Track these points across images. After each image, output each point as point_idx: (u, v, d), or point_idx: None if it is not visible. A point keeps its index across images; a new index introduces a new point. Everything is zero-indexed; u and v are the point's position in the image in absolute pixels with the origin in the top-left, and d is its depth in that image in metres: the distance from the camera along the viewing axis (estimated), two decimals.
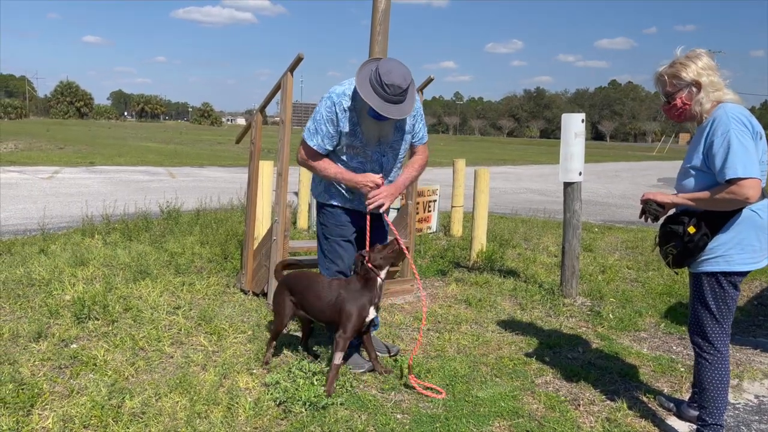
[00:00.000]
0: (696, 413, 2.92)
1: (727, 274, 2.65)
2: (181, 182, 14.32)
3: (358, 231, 3.57)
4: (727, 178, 2.49)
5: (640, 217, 2.91)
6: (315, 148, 3.34)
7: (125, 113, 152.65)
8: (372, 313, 3.26)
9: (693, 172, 2.69)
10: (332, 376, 3.11)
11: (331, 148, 3.37)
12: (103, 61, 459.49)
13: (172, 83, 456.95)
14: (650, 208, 2.82)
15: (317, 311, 3.32)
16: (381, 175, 3.34)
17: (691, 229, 2.63)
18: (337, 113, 3.27)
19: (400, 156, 3.50)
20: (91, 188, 12.36)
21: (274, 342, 3.53)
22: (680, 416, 3.14)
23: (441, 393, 3.18)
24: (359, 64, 3.25)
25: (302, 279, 3.44)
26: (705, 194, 2.61)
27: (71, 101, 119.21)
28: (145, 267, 5.29)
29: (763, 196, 2.63)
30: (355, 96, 3.24)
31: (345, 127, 3.29)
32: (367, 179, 3.29)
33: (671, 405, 3.22)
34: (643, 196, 2.86)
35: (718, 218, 2.61)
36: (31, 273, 4.98)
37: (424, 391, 3.18)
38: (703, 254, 2.66)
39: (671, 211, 2.83)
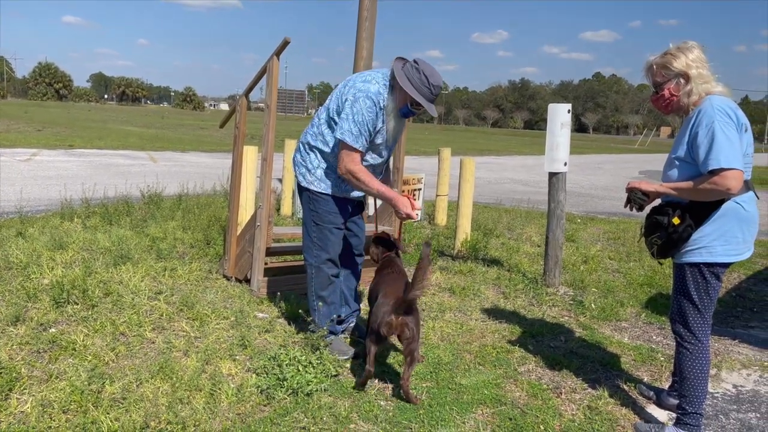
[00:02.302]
0: (675, 401, 2.96)
1: (709, 265, 2.68)
2: (163, 167, 14.15)
3: (345, 219, 3.59)
4: (710, 168, 2.51)
5: (626, 206, 2.93)
6: (361, 150, 3.30)
7: (105, 96, 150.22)
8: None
9: (677, 162, 2.71)
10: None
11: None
12: (83, 43, 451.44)
13: (155, 66, 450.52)
14: (635, 197, 2.84)
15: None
16: (409, 195, 3.48)
17: (676, 220, 2.66)
18: (377, 113, 3.28)
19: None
20: (70, 171, 12.15)
21: None
22: (660, 404, 3.18)
23: None
24: (346, 52, 3.31)
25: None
26: (688, 184, 2.63)
27: (50, 83, 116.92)
28: (125, 252, 5.21)
29: (747, 188, 2.66)
30: (387, 96, 3.29)
31: (379, 126, 3.33)
32: (406, 205, 3.33)
33: (651, 393, 3.26)
34: (628, 184, 2.88)
35: (702, 210, 2.64)
36: (9, 256, 4.89)
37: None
38: (686, 245, 2.69)
39: (656, 202, 2.86)
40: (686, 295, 2.76)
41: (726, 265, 2.70)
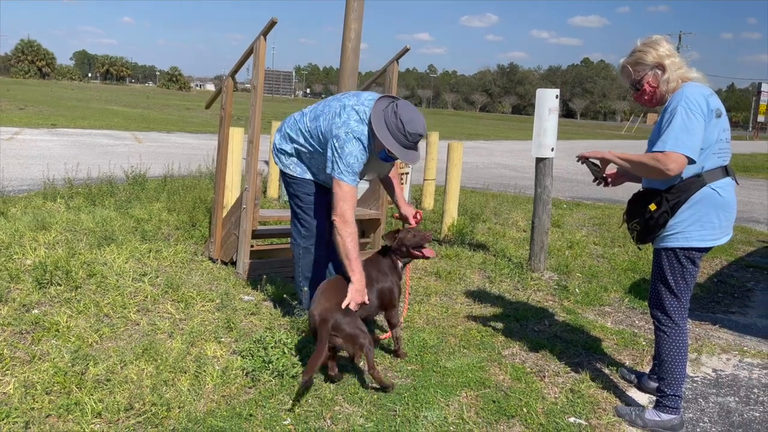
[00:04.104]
0: (656, 385, 3.01)
1: (685, 250, 2.73)
2: (148, 147, 13.99)
3: (328, 199, 3.58)
4: (657, 149, 2.60)
5: (594, 181, 3.05)
6: (354, 187, 3.21)
7: (89, 75, 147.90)
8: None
9: (648, 145, 2.79)
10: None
11: None
12: (66, 20, 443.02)
13: (140, 45, 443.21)
14: (590, 167, 2.98)
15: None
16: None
17: (653, 207, 2.72)
18: (365, 156, 3.21)
19: None
20: (53, 151, 11.99)
21: None
22: (641, 388, 3.23)
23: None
24: (334, 33, 3.22)
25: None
26: (635, 156, 2.73)
27: (32, 60, 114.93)
28: (109, 233, 5.17)
29: (726, 174, 2.71)
30: (369, 136, 3.19)
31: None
32: (359, 295, 3.00)
33: (633, 377, 3.31)
34: (578, 155, 2.99)
35: (678, 196, 2.68)
36: None
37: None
38: (664, 231, 2.74)
39: (637, 186, 2.93)
40: (663, 280, 2.81)
41: (702, 250, 2.76)
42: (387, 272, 3.23)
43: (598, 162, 2.96)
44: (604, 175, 3.02)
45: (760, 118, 50.72)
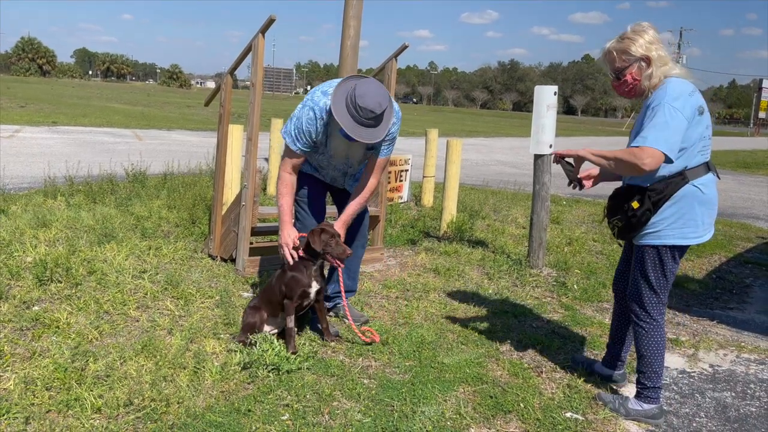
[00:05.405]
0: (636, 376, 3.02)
1: (667, 248, 2.73)
2: (149, 145, 14.01)
3: (323, 195, 3.66)
4: (634, 144, 2.56)
5: (569, 185, 2.98)
6: (298, 152, 3.35)
7: (90, 72, 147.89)
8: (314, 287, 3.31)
9: (630, 139, 2.75)
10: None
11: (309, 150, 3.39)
12: (66, 18, 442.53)
13: (140, 43, 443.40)
14: (565, 169, 2.90)
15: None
16: (297, 239, 3.32)
17: (635, 204, 2.70)
18: (317, 127, 3.26)
19: (365, 163, 3.53)
20: (53, 148, 12.00)
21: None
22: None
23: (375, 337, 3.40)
24: (334, 30, 3.26)
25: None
26: (610, 152, 2.66)
27: (33, 58, 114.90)
28: (110, 230, 5.18)
29: (707, 170, 2.70)
30: (329, 112, 3.16)
31: (319, 138, 3.32)
32: (286, 241, 3.29)
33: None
34: (553, 153, 2.93)
35: (661, 193, 2.67)
36: None
37: (359, 334, 3.39)
38: (646, 228, 2.73)
39: (617, 183, 2.92)
40: (644, 276, 2.81)
41: (684, 248, 2.76)
42: (293, 267, 3.29)
43: (572, 161, 2.89)
44: (579, 177, 2.94)
45: (761, 115, 50.66)
